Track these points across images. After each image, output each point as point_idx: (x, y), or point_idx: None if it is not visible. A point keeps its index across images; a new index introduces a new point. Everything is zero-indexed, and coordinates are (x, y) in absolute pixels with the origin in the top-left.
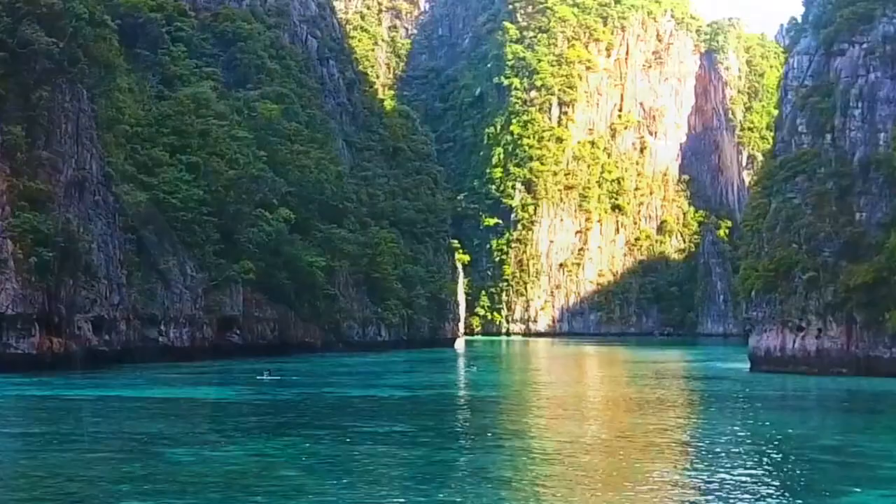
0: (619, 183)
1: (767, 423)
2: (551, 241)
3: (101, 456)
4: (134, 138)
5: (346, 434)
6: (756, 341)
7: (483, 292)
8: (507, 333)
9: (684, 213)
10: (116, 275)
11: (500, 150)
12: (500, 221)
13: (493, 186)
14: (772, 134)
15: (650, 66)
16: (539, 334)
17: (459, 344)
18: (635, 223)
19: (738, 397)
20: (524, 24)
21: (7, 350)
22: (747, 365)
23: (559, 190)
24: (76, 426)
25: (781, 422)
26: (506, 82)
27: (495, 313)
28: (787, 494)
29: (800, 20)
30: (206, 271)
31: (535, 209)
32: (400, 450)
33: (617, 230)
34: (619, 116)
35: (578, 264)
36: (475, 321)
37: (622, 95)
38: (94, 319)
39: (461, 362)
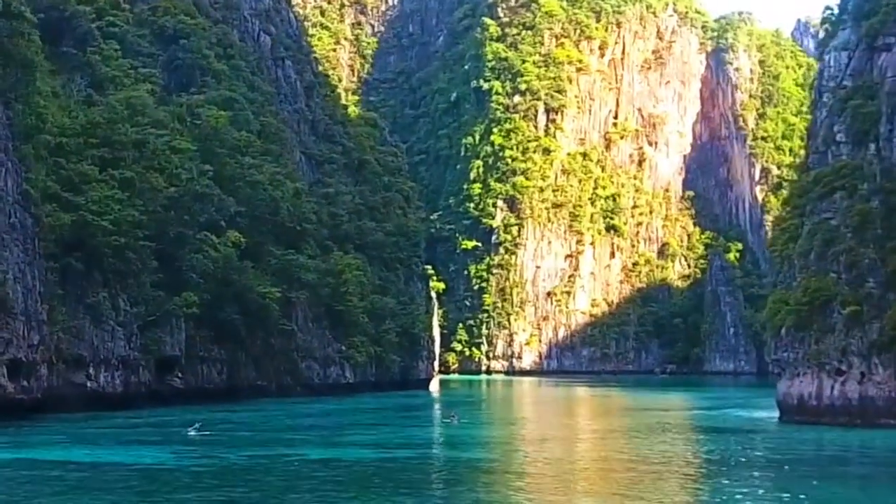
0: (614, 200)
1: None
2: (538, 267)
3: None
4: (58, 150)
5: None
6: (787, 387)
7: (460, 325)
8: (488, 371)
9: (689, 235)
10: (36, 310)
11: (479, 163)
12: (480, 244)
13: (472, 205)
14: (789, 144)
15: (649, 68)
16: (524, 372)
17: (434, 385)
18: (633, 246)
19: (776, 462)
20: (506, 20)
21: None
22: (775, 414)
23: (546, 208)
24: None
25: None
26: (485, 86)
27: (474, 349)
28: None
29: (835, 10)
30: (142, 305)
31: (519, 230)
32: None
33: (612, 254)
34: (615, 125)
35: (568, 293)
36: (451, 358)
37: (618, 101)
38: (10, 363)
39: (438, 411)
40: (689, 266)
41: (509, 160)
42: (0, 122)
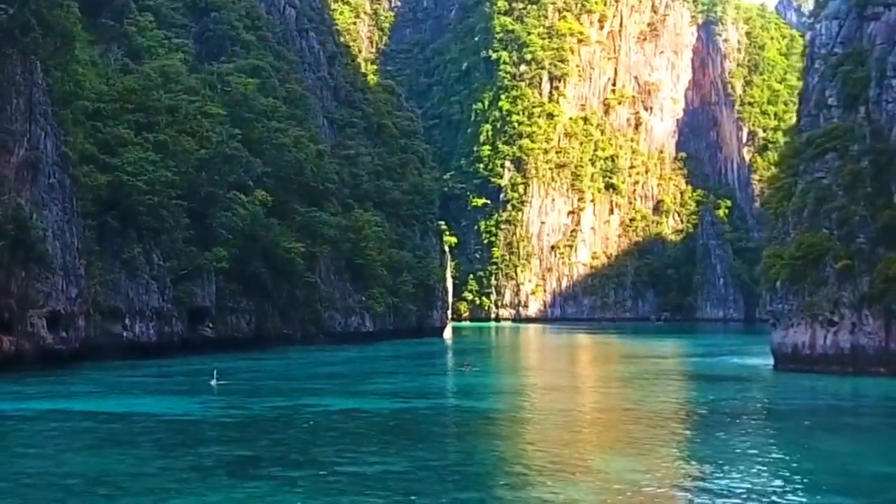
0: (613, 161)
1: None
2: (542, 222)
3: None
4: (96, 115)
5: (328, 479)
6: (781, 337)
7: (471, 276)
8: (497, 319)
9: (681, 193)
10: (74, 265)
11: (488, 126)
12: (489, 202)
13: (482, 165)
14: (773, 109)
15: (645, 39)
16: (530, 320)
17: (448, 333)
18: (630, 203)
19: (778, 411)
20: None
21: None
22: (769, 361)
23: (550, 168)
24: None
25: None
26: (494, 56)
27: (484, 298)
28: None
29: None
30: (174, 260)
31: (525, 189)
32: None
33: (611, 210)
34: (613, 91)
35: (571, 246)
36: (463, 306)
37: (616, 69)
38: (49, 315)
39: (452, 359)
40: (681, 221)
41: (516, 124)
42: (40, 89)
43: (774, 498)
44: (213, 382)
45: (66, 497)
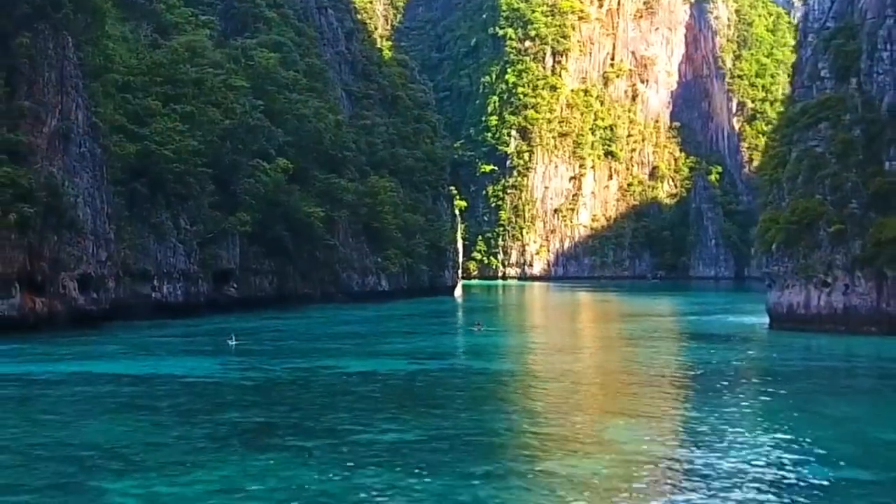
0: (611, 130)
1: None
2: (546, 187)
3: None
4: (126, 88)
5: (342, 450)
6: (777, 297)
7: (480, 237)
8: (504, 277)
9: (675, 159)
10: (104, 230)
11: (495, 98)
12: (496, 168)
13: (489, 134)
14: (761, 81)
15: (641, 16)
16: (534, 278)
17: (458, 291)
18: (628, 169)
19: (781, 372)
20: None
21: None
22: (764, 319)
23: (553, 137)
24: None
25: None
26: (500, 32)
27: (492, 258)
28: None
29: None
30: (200, 224)
31: (529, 156)
32: (411, 480)
33: (610, 176)
34: (612, 65)
35: (572, 209)
36: (472, 265)
37: (614, 45)
38: (81, 277)
39: (463, 317)
40: (675, 186)
41: (521, 96)
42: (71, 63)
43: (791, 471)
44: (231, 343)
45: (77, 472)
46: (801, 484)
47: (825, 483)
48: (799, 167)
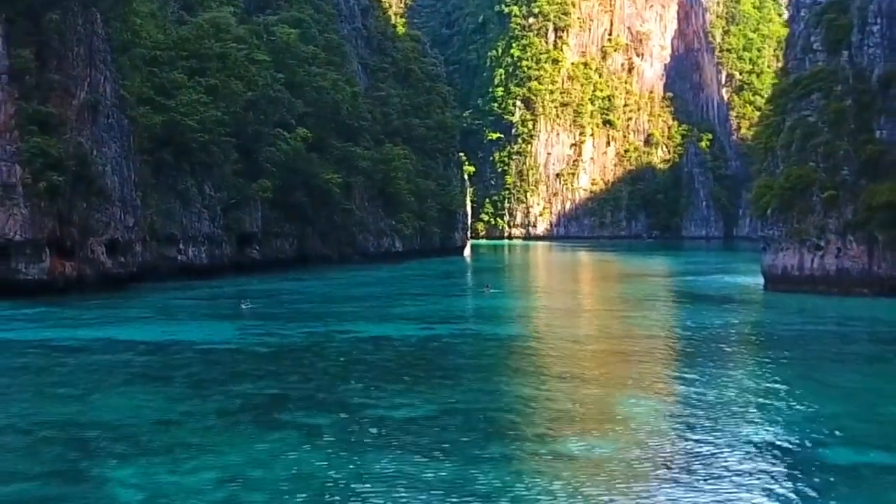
0: (609, 100)
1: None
2: (548, 153)
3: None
4: (153, 62)
5: (352, 428)
6: (772, 259)
7: (487, 200)
8: (509, 237)
9: (669, 127)
10: (131, 197)
11: (501, 71)
12: (502, 136)
13: (496, 104)
14: (748, 55)
15: None
16: (538, 237)
17: (467, 251)
18: (624, 136)
19: (783, 337)
20: None
21: (17, 276)
22: (759, 280)
23: (555, 107)
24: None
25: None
26: (506, 10)
27: (498, 219)
28: None
29: None
30: (224, 191)
31: (533, 124)
32: (420, 465)
33: (608, 143)
34: (609, 40)
35: (573, 174)
36: (480, 226)
37: (612, 21)
38: (109, 242)
39: (472, 278)
40: (669, 152)
41: (525, 69)
42: (99, 38)
43: (811, 454)
44: (244, 306)
45: (79, 457)
46: (826, 469)
47: (849, 467)
48: (792, 136)
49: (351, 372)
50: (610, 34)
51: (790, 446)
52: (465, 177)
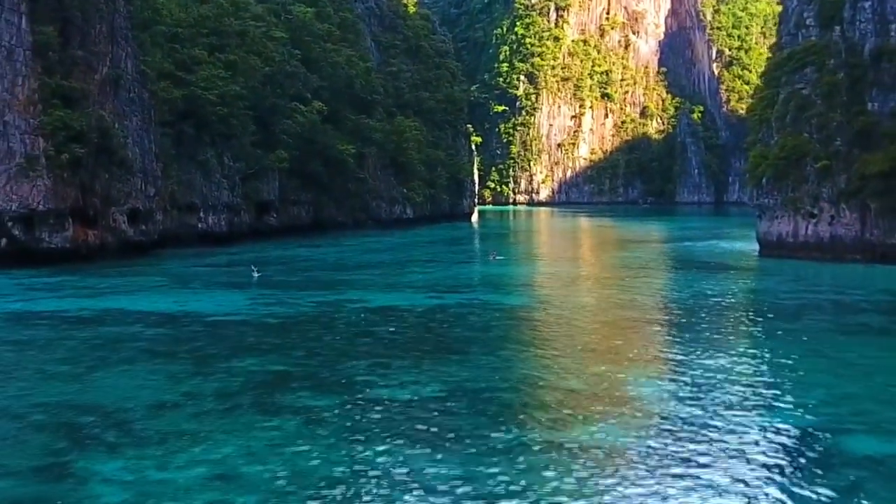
0: (607, 75)
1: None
2: (550, 125)
3: None
4: (174, 39)
5: (355, 414)
6: (767, 227)
7: (493, 168)
8: (514, 203)
9: (663, 100)
10: (152, 168)
11: (506, 48)
12: (507, 108)
13: (501, 79)
14: (737, 32)
15: None
16: (541, 203)
17: (475, 217)
18: (621, 109)
19: (785, 306)
20: None
21: (40, 244)
22: (754, 246)
23: (557, 81)
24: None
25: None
26: None
27: (504, 186)
28: None
29: None
30: (243, 161)
31: (536, 98)
32: (423, 457)
33: (606, 115)
34: (607, 19)
35: (574, 144)
36: (487, 193)
37: (609, 1)
38: (130, 211)
39: (479, 244)
40: (663, 123)
41: (529, 46)
42: (121, 15)
43: (835, 441)
44: (254, 274)
45: (67, 447)
46: (853, 461)
47: (879, 459)
48: (787, 108)
49: (357, 346)
50: (607, 13)
51: (811, 434)
52: (473, 147)
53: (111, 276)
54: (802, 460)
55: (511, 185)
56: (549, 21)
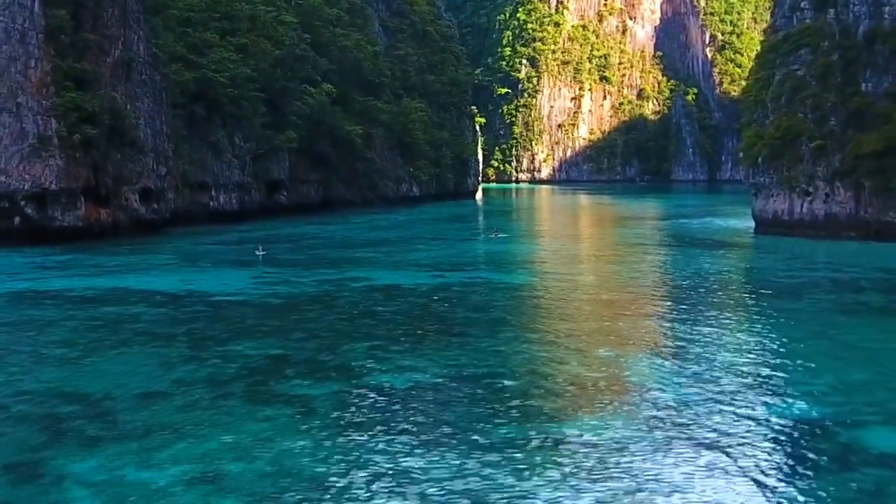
0: (605, 59)
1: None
2: (551, 106)
3: None
4: (186, 22)
5: (350, 404)
6: (763, 205)
7: (496, 148)
8: (517, 181)
9: (659, 83)
10: (163, 148)
11: (509, 33)
12: (510, 91)
13: (504, 63)
14: (729, 17)
15: None
16: (542, 181)
17: (479, 195)
18: (619, 91)
19: (784, 285)
20: None
21: (53, 223)
22: (748, 223)
23: (557, 65)
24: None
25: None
26: None
27: (507, 165)
28: None
29: None
30: (253, 142)
31: (537, 80)
32: (418, 455)
33: (604, 97)
34: (605, 5)
35: (574, 124)
36: (490, 172)
37: None
38: (142, 190)
39: (483, 222)
40: (659, 104)
41: (530, 31)
42: None
43: (850, 435)
44: (259, 253)
45: (44, 442)
46: (871, 458)
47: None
48: (782, 89)
49: (358, 327)
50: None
51: (823, 427)
52: (477, 127)
53: (121, 254)
54: (812, 451)
55: (514, 164)
56: (549, 7)
